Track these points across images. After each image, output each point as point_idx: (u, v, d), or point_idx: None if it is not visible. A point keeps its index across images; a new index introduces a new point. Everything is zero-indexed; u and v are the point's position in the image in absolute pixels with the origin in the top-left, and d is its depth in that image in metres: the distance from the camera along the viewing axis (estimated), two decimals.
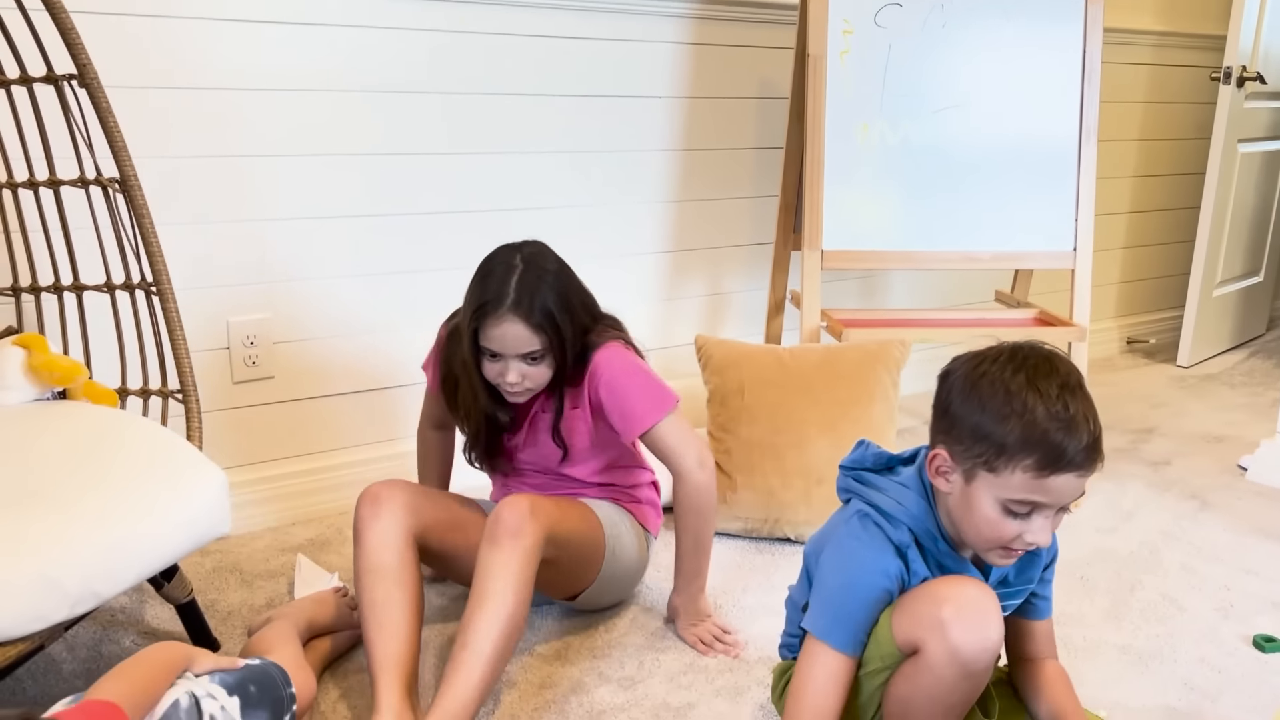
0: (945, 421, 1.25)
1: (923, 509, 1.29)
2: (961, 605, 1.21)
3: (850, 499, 1.36)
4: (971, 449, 1.21)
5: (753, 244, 2.78)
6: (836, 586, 1.29)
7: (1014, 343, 1.26)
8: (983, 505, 1.21)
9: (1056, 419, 1.16)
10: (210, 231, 2.03)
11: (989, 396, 1.20)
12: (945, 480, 1.26)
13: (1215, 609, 1.95)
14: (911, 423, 2.91)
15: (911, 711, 1.26)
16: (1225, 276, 3.59)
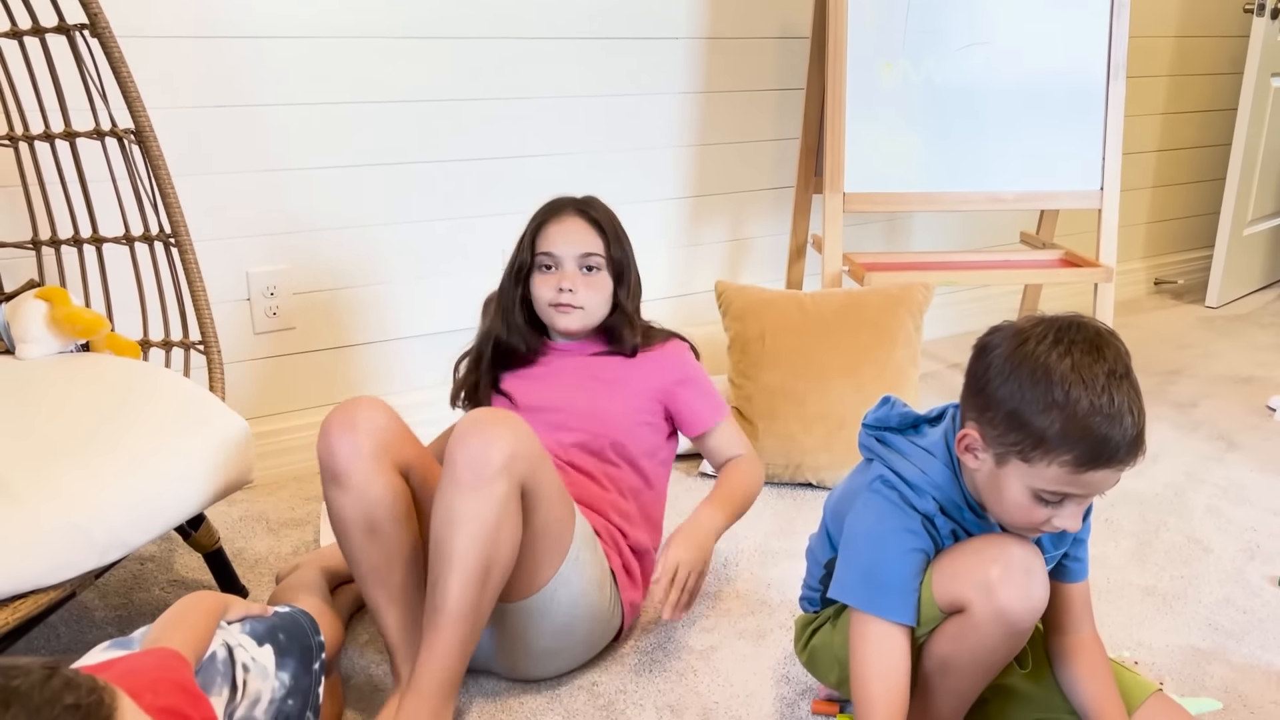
0: (980, 400, 1.18)
1: (948, 478, 1.24)
2: (1009, 565, 1.18)
3: (872, 459, 1.31)
4: (1006, 436, 1.14)
5: (774, 188, 2.74)
6: (867, 561, 1.24)
7: (1059, 318, 1.16)
8: (1012, 490, 1.17)
9: (1100, 413, 1.09)
10: (227, 182, 2.03)
11: (1030, 383, 1.12)
12: (974, 458, 1.20)
13: (1241, 550, 1.94)
14: (934, 367, 2.89)
15: (951, 669, 1.25)
16: (1256, 215, 3.52)
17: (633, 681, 1.54)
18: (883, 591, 1.23)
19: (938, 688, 1.27)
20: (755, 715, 1.48)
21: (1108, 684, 1.29)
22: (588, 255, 1.60)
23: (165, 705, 0.98)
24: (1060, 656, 1.34)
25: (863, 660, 1.23)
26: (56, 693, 0.74)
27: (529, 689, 1.52)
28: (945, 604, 1.22)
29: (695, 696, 1.52)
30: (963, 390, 1.23)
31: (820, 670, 1.42)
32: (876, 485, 1.27)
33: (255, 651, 1.24)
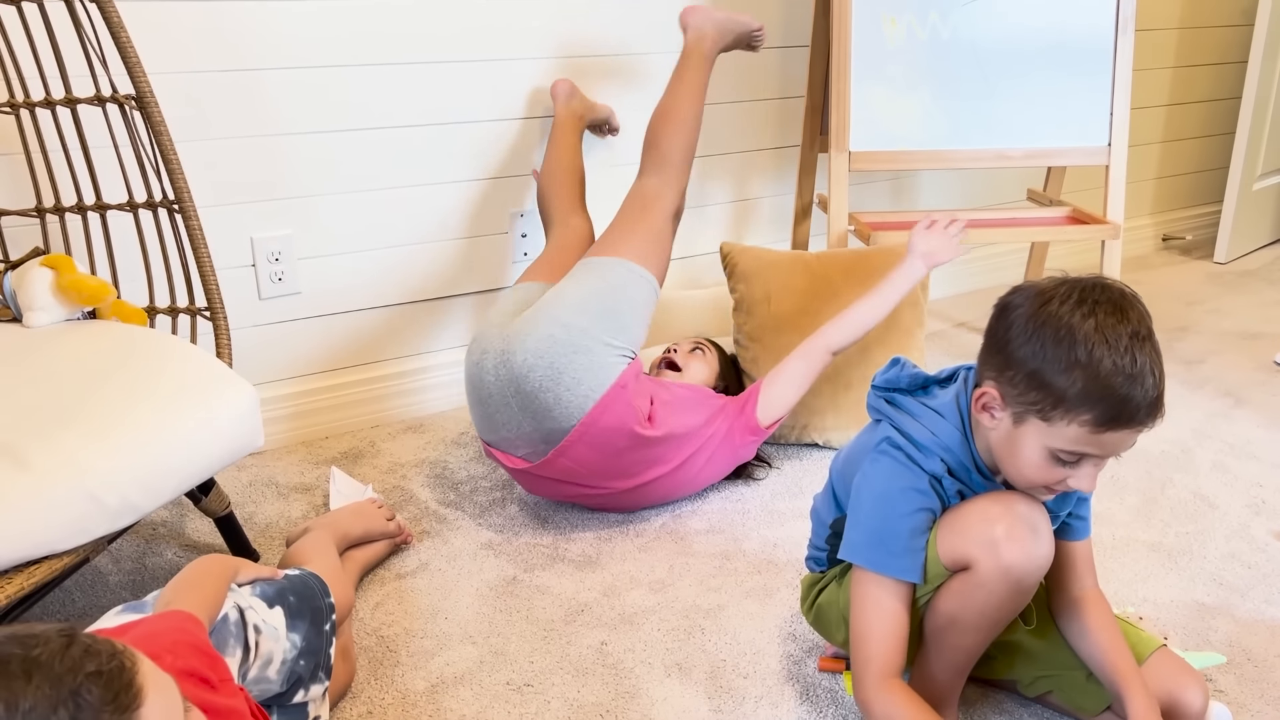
0: (1000, 359, 1.18)
1: (957, 440, 1.24)
2: (1013, 523, 1.19)
3: (880, 420, 1.31)
4: (1026, 394, 1.14)
5: (779, 147, 2.72)
6: (876, 522, 1.25)
7: (1082, 279, 1.16)
8: (1029, 449, 1.17)
9: (1122, 373, 1.09)
10: (230, 147, 2.02)
11: (1053, 342, 1.12)
12: (990, 416, 1.20)
13: (1246, 505, 1.95)
14: (940, 326, 2.89)
15: (957, 626, 1.26)
16: (1266, 169, 3.49)
17: (641, 641, 1.56)
18: (888, 550, 1.24)
19: (943, 644, 1.28)
20: (762, 673, 1.50)
21: (1115, 634, 1.30)
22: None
23: (184, 667, 1.00)
24: (1064, 611, 1.35)
25: (863, 617, 1.25)
26: (77, 661, 0.74)
27: (538, 648, 1.54)
28: (950, 561, 1.23)
29: (703, 655, 1.53)
30: (981, 349, 1.23)
31: (827, 629, 1.43)
32: (884, 446, 1.27)
33: (266, 613, 1.26)
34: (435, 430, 2.25)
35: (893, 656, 1.23)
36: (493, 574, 1.73)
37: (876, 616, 1.24)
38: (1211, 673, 1.48)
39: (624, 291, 1.85)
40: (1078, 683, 1.34)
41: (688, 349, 2.11)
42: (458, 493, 1.98)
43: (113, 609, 1.22)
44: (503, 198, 2.33)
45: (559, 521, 1.89)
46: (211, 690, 1.02)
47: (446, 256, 2.31)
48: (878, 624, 1.24)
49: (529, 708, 1.42)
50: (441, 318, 2.35)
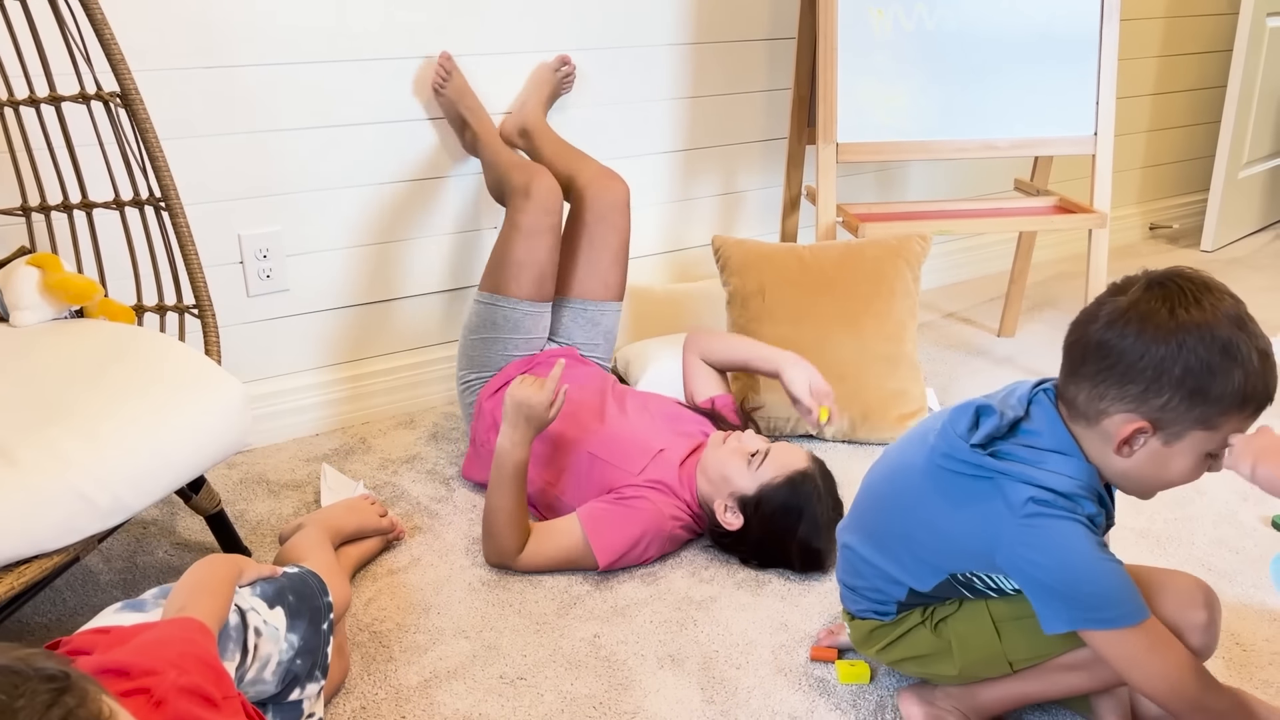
0: (1137, 389, 1.12)
1: (1090, 472, 1.18)
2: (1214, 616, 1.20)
3: (991, 478, 1.19)
4: (1190, 412, 1.11)
5: (766, 140, 2.73)
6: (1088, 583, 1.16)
7: (1161, 274, 1.14)
8: (1185, 460, 1.15)
9: (1265, 357, 1.11)
10: (217, 144, 2.01)
11: (1205, 349, 1.09)
12: (1130, 448, 1.15)
13: (1234, 492, 1.96)
14: (930, 317, 2.90)
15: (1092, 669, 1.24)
16: (1251, 157, 3.50)
17: (633, 633, 1.57)
18: (1121, 601, 1.17)
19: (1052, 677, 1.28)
20: (755, 663, 1.50)
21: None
22: None
23: (189, 684, 0.99)
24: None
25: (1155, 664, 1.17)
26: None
27: (531, 642, 1.54)
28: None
29: (696, 646, 1.54)
30: (1089, 381, 1.16)
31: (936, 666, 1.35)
32: (1033, 508, 1.16)
33: (267, 614, 1.26)
34: (426, 426, 2.25)
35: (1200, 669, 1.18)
36: (485, 568, 1.73)
37: (1162, 655, 1.17)
38: None
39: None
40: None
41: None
42: (449, 488, 1.98)
43: (110, 606, 1.22)
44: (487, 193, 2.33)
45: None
46: (214, 709, 1.01)
47: (436, 252, 2.31)
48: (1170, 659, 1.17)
49: (522, 701, 1.42)
50: (431, 313, 2.34)
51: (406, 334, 2.33)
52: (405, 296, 2.30)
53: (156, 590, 1.27)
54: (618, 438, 1.83)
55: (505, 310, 1.98)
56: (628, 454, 1.79)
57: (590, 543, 1.67)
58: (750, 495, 1.68)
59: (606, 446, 1.82)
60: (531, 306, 1.99)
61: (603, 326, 2.11)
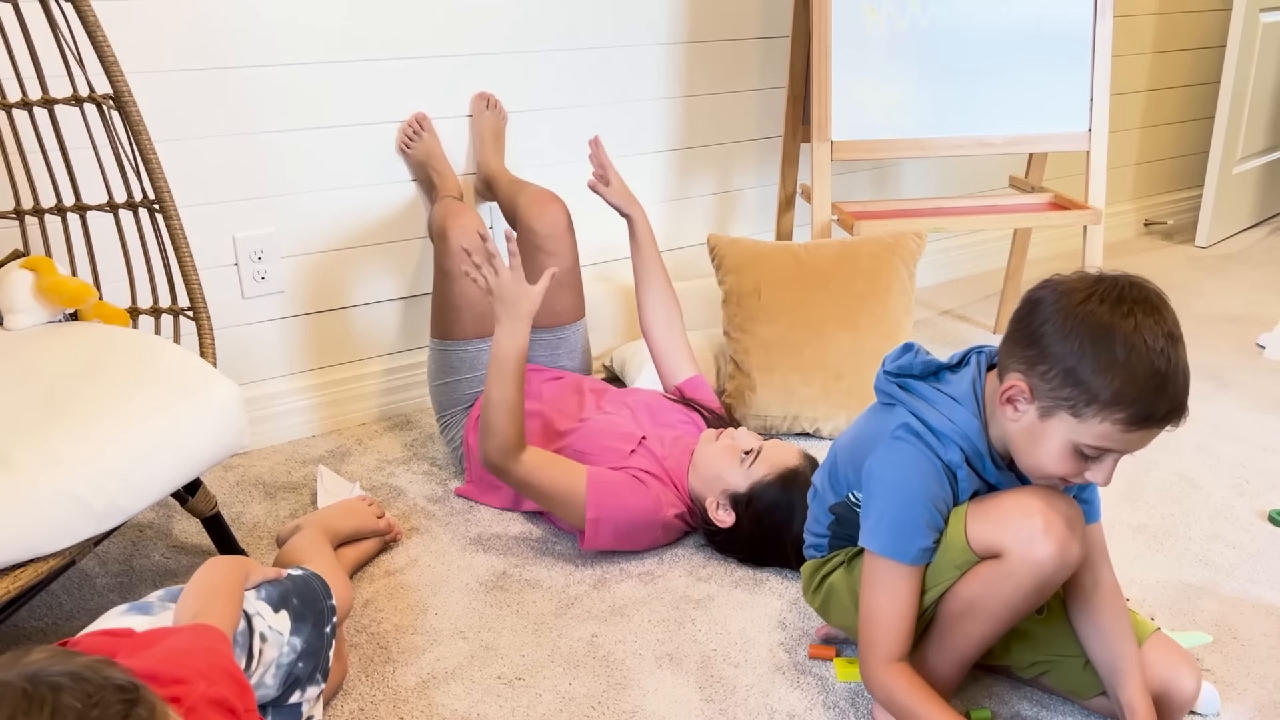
0: (1031, 353, 1.17)
1: (975, 428, 1.24)
2: (1053, 519, 1.20)
3: (894, 405, 1.30)
4: (1060, 390, 1.14)
5: (761, 138, 2.73)
6: (892, 508, 1.25)
7: (1117, 276, 1.16)
8: (1053, 443, 1.17)
9: (1159, 374, 1.10)
10: (211, 146, 2.01)
11: (1091, 340, 1.12)
12: (1014, 409, 1.19)
13: (1231, 486, 1.96)
14: (925, 314, 2.90)
15: (975, 613, 1.26)
16: (1245, 153, 3.51)
17: (632, 632, 1.56)
18: (904, 536, 1.24)
19: (955, 631, 1.29)
20: (753, 661, 1.50)
21: (1125, 635, 1.29)
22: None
23: (216, 696, 0.98)
24: (1077, 602, 1.33)
25: (874, 600, 1.26)
26: None
27: (529, 642, 1.54)
28: (981, 549, 1.23)
29: (694, 645, 1.54)
30: (1006, 341, 1.22)
31: (836, 613, 1.43)
32: (901, 432, 1.26)
33: (272, 619, 1.26)
34: (422, 427, 2.24)
35: (900, 640, 1.24)
36: (482, 569, 1.73)
37: (887, 600, 1.25)
38: (1198, 652, 1.50)
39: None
40: (1074, 668, 1.35)
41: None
42: (446, 488, 1.98)
43: (115, 609, 1.22)
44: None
45: (548, 516, 1.89)
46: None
47: (426, 253, 2.30)
48: (888, 607, 1.25)
49: (520, 701, 1.42)
50: (427, 314, 2.34)
51: (402, 335, 2.32)
52: (401, 298, 2.30)
53: (162, 593, 1.27)
54: (599, 431, 1.83)
55: (458, 353, 1.97)
56: (611, 445, 1.79)
57: (586, 502, 1.67)
58: (742, 493, 1.69)
59: (588, 440, 1.81)
60: (482, 344, 1.96)
61: (565, 348, 2.09)
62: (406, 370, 2.32)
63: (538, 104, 2.35)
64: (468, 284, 1.92)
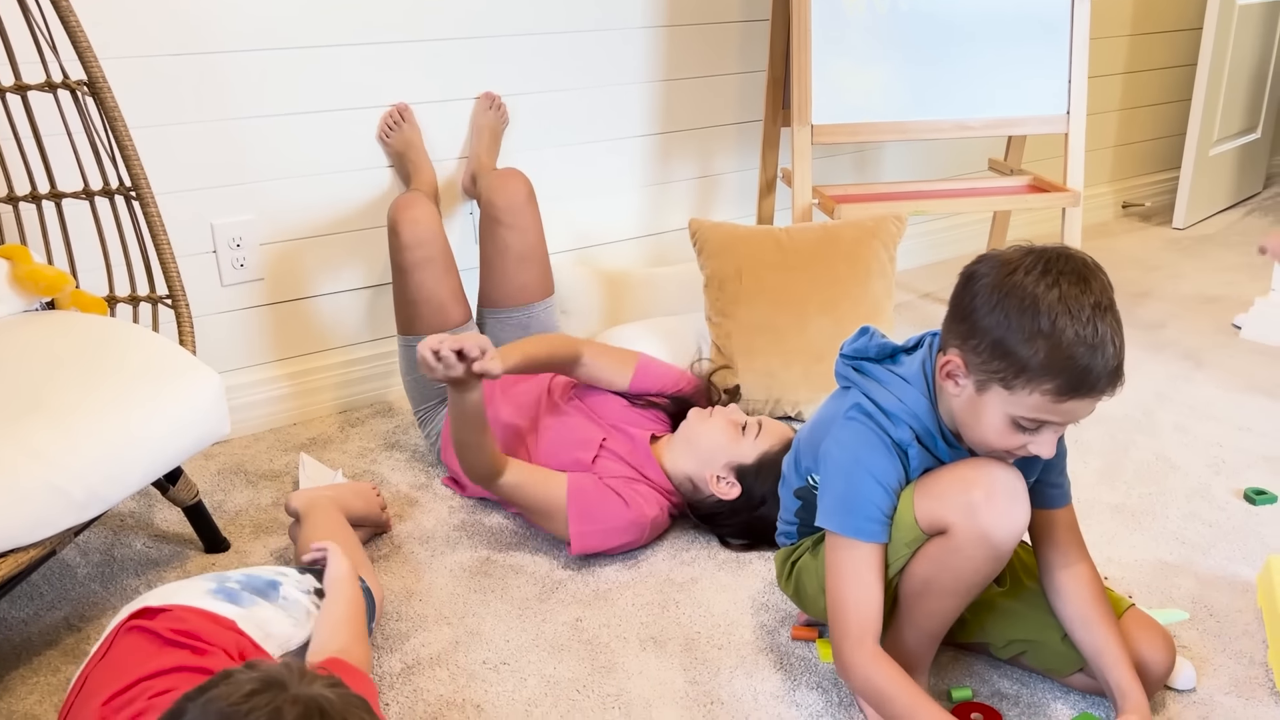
0: (964, 327, 1.19)
1: (924, 407, 1.26)
2: (993, 488, 1.21)
3: (849, 388, 1.33)
4: (990, 363, 1.16)
5: (741, 122, 2.72)
6: (845, 486, 1.27)
7: (1047, 249, 1.17)
8: (991, 417, 1.19)
9: (1084, 343, 1.12)
10: (187, 132, 1.99)
11: (1017, 312, 1.13)
12: (954, 384, 1.22)
13: (1207, 465, 1.98)
14: (906, 297, 2.91)
15: (932, 590, 1.28)
16: (1222, 135, 3.53)
17: (615, 616, 1.57)
18: (859, 514, 1.25)
19: (917, 609, 1.30)
20: (736, 643, 1.51)
21: (1106, 621, 1.30)
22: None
23: None
24: (1058, 593, 1.34)
25: (839, 583, 1.26)
26: None
27: (513, 627, 1.54)
28: (928, 525, 1.24)
29: (678, 627, 1.54)
30: (946, 317, 1.24)
31: (806, 599, 1.44)
32: (853, 413, 1.28)
33: None
34: (404, 414, 2.24)
35: (870, 622, 1.25)
36: (466, 555, 1.73)
37: (852, 582, 1.25)
38: (1175, 629, 1.52)
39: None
40: (1051, 645, 1.36)
41: None
42: (428, 475, 1.98)
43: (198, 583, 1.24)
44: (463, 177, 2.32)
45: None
46: None
47: None
48: (853, 589, 1.25)
49: (505, 685, 1.42)
50: None
51: (383, 322, 2.31)
52: (380, 284, 2.29)
53: (242, 577, 1.27)
54: (556, 442, 1.80)
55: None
56: (573, 456, 1.77)
57: (568, 516, 1.66)
58: (749, 464, 1.69)
59: (550, 458, 1.78)
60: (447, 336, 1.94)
61: (534, 328, 2.07)
62: (388, 357, 2.31)
63: (519, 88, 2.34)
64: (423, 278, 1.93)
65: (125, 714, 1.02)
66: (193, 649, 1.11)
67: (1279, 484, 1.90)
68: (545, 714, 1.37)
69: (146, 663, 1.08)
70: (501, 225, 2.03)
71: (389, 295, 2.30)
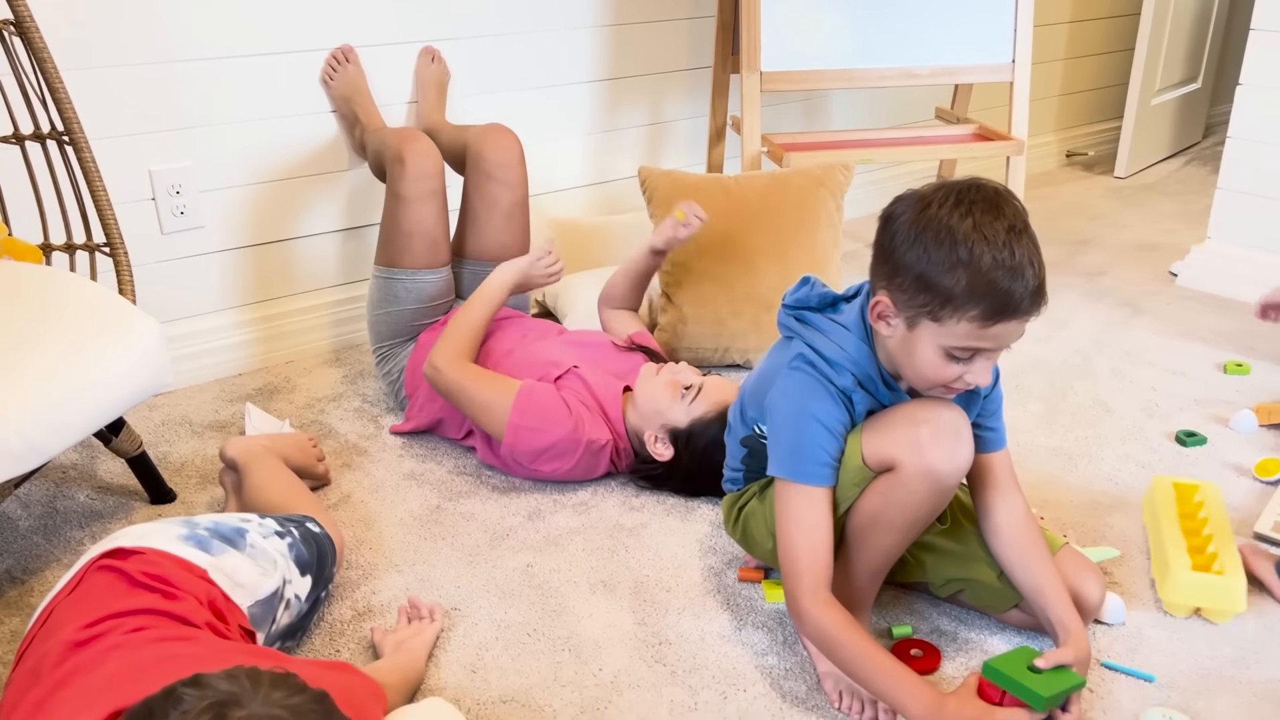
0: (888, 268, 1.22)
1: (864, 353, 1.29)
2: (938, 427, 1.25)
3: (792, 338, 1.35)
4: (916, 298, 1.19)
5: (691, 68, 2.71)
6: (793, 435, 1.29)
7: (959, 181, 1.21)
8: (925, 351, 1.22)
9: (1003, 266, 1.14)
10: (121, 75, 1.93)
11: (935, 244, 1.16)
12: (886, 325, 1.25)
13: (1142, 409, 2.04)
14: (854, 246, 2.93)
15: (880, 525, 1.31)
16: (1164, 84, 3.58)
17: (566, 561, 1.59)
18: (806, 460, 1.28)
19: (864, 545, 1.33)
20: (684, 585, 1.54)
21: (1045, 566, 1.34)
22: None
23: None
24: (996, 536, 1.38)
25: (789, 529, 1.29)
26: None
27: (464, 573, 1.55)
28: (875, 463, 1.27)
29: (627, 571, 1.57)
30: (871, 261, 1.27)
31: (753, 544, 1.47)
32: (797, 363, 1.31)
33: (298, 583, 1.31)
34: (352, 363, 2.22)
35: (822, 566, 1.27)
36: (416, 503, 1.73)
37: (801, 527, 1.28)
38: (1106, 565, 1.57)
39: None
40: (987, 583, 1.40)
41: None
42: (378, 425, 1.97)
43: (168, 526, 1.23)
44: (412, 124, 2.28)
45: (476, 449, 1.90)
46: None
47: (357, 185, 2.26)
48: (804, 534, 1.28)
49: (457, 630, 1.44)
50: (354, 248, 2.30)
51: (329, 270, 2.29)
52: (327, 232, 2.26)
53: (211, 525, 1.26)
54: (527, 361, 1.83)
55: (403, 282, 1.95)
56: (539, 371, 1.80)
57: (511, 407, 1.70)
58: (682, 429, 1.71)
59: (517, 368, 1.81)
60: (429, 275, 1.95)
61: None
62: (335, 306, 2.29)
63: (463, 32, 2.30)
64: (422, 211, 1.92)
65: (95, 646, 1.02)
66: (164, 593, 1.11)
67: (1209, 426, 1.97)
68: (496, 657, 1.39)
69: (117, 601, 1.08)
70: (493, 180, 2.01)
71: (337, 243, 2.27)
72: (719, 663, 1.39)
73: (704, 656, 1.40)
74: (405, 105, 2.27)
